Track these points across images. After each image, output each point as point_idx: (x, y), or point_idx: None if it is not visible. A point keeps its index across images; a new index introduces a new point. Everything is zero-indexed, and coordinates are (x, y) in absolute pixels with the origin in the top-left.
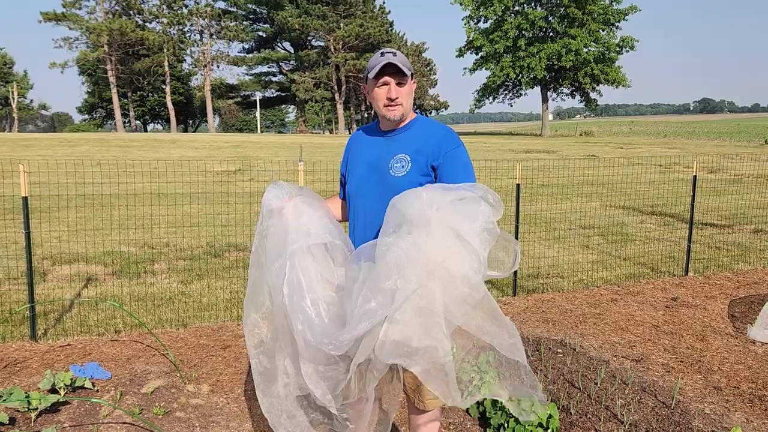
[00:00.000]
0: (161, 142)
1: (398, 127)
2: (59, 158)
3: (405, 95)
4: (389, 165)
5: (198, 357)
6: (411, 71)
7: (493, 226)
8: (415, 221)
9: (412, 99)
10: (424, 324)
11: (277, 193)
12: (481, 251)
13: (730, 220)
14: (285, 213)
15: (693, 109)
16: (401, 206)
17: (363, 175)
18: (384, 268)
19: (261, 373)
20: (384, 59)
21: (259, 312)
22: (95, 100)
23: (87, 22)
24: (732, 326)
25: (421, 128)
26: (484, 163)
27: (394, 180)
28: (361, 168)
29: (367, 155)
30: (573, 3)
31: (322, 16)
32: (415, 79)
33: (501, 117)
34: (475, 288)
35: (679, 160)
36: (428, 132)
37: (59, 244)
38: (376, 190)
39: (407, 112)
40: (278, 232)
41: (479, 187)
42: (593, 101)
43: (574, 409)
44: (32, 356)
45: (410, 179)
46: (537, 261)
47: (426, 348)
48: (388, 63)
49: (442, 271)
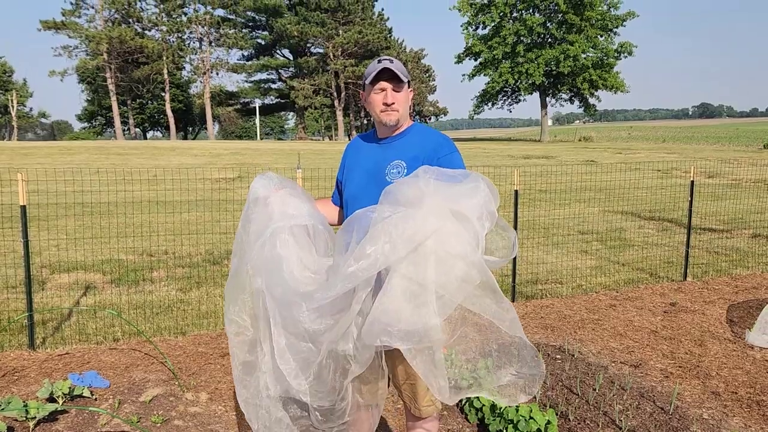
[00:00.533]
0: (161, 150)
1: (394, 134)
2: (58, 166)
3: (401, 101)
4: (386, 171)
5: (196, 365)
6: (408, 78)
7: (493, 207)
8: (411, 201)
9: (408, 106)
10: (413, 300)
11: (265, 183)
12: (480, 230)
13: (729, 225)
14: (270, 202)
15: (692, 113)
16: (395, 192)
17: (361, 182)
18: (372, 234)
19: (242, 363)
20: (381, 65)
21: (239, 298)
22: (95, 108)
23: (86, 30)
24: (730, 331)
25: (417, 135)
26: (483, 169)
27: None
28: (358, 176)
29: (364, 163)
30: (571, 9)
31: (320, 23)
32: (412, 87)
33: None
34: (473, 266)
35: (678, 165)
36: (424, 139)
37: (58, 253)
38: (375, 197)
39: (403, 119)
40: (261, 219)
41: (475, 173)
42: (592, 107)
43: (572, 415)
44: (30, 365)
45: None
46: (536, 267)
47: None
48: (384, 68)
49: (437, 244)
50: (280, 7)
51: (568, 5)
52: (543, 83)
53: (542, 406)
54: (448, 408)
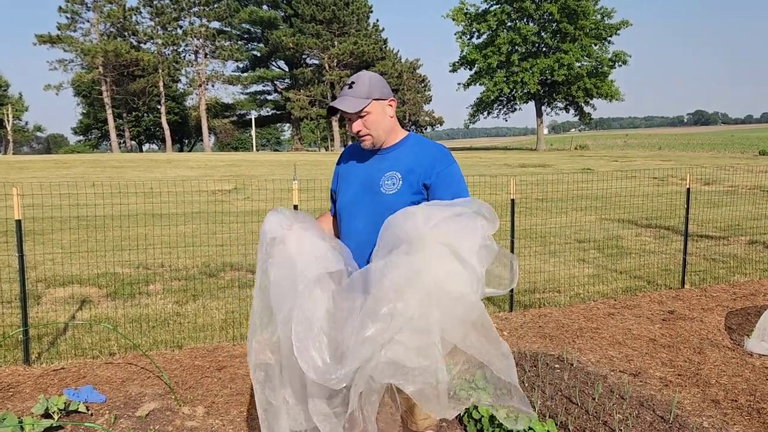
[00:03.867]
0: (157, 162)
1: (390, 146)
2: (54, 180)
3: (371, 123)
4: (380, 183)
5: (193, 379)
6: (370, 97)
7: (491, 242)
8: (411, 240)
9: (386, 120)
10: (421, 345)
11: (278, 219)
12: (479, 269)
13: (726, 232)
14: (288, 242)
15: (687, 121)
16: (395, 226)
17: (357, 194)
18: (381, 293)
19: (265, 410)
20: (332, 102)
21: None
22: (90, 121)
23: (82, 44)
24: (729, 338)
25: (412, 146)
26: (480, 178)
27: (385, 198)
28: (353, 187)
29: (358, 172)
30: (565, 18)
31: (316, 35)
32: (391, 97)
33: (496, 132)
34: (472, 307)
35: (674, 172)
36: (420, 150)
37: (53, 267)
38: (369, 209)
39: (384, 135)
40: (283, 263)
41: (474, 202)
42: (587, 115)
43: (572, 425)
44: (25, 380)
45: (402, 197)
46: (533, 276)
47: (421, 368)
48: (329, 107)
49: (441, 292)
50: (275, 19)
51: (562, 14)
52: (538, 92)
53: (541, 416)
54: (445, 419)
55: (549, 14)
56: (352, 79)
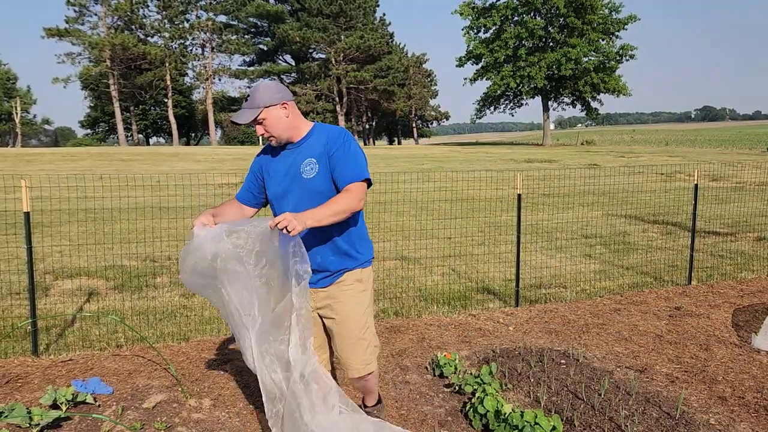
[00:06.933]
0: (163, 156)
1: (299, 139)
2: (62, 173)
3: (270, 127)
4: (300, 170)
5: (200, 371)
6: (262, 105)
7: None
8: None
9: (282, 121)
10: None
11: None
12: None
13: (733, 228)
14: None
15: (694, 116)
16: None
17: (283, 185)
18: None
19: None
20: (232, 116)
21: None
22: (98, 114)
23: (89, 37)
24: (736, 335)
25: (318, 135)
26: (486, 173)
27: (308, 181)
28: (278, 180)
29: (280, 167)
30: (572, 13)
31: (322, 29)
32: (282, 101)
33: (502, 127)
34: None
35: (681, 168)
36: (323, 135)
37: (61, 259)
38: (297, 192)
39: (285, 133)
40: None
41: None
42: (594, 110)
43: (577, 420)
44: (34, 371)
45: (323, 177)
46: (539, 271)
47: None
48: (232, 120)
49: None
50: (282, 13)
51: (569, 9)
52: (545, 87)
53: (547, 412)
54: (451, 414)
55: (556, 8)
56: (250, 92)
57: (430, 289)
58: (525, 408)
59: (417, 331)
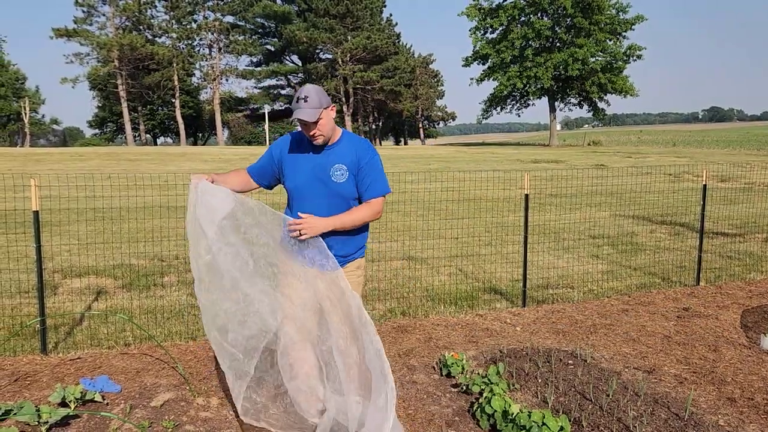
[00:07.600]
0: (171, 156)
1: (333, 143)
2: (70, 172)
3: (323, 126)
4: (330, 173)
5: (207, 370)
6: (322, 107)
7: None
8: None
9: (331, 123)
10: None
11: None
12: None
13: (742, 229)
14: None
15: (702, 117)
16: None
17: (308, 181)
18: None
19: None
20: (296, 114)
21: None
22: (106, 114)
23: (98, 37)
24: (745, 336)
25: (348, 143)
26: (493, 173)
27: (337, 185)
28: (303, 174)
29: (307, 163)
30: (579, 13)
31: (329, 30)
32: (332, 105)
33: (509, 127)
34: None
35: (689, 169)
36: (352, 145)
37: (70, 258)
38: (321, 194)
39: (330, 134)
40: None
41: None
42: (601, 111)
43: (585, 421)
44: (43, 369)
45: (350, 184)
46: (546, 271)
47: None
48: (299, 118)
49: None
50: (289, 13)
51: (576, 9)
52: (552, 87)
53: (555, 412)
54: (459, 414)
55: (563, 8)
56: (305, 94)
57: (437, 289)
58: (532, 408)
59: (424, 330)
